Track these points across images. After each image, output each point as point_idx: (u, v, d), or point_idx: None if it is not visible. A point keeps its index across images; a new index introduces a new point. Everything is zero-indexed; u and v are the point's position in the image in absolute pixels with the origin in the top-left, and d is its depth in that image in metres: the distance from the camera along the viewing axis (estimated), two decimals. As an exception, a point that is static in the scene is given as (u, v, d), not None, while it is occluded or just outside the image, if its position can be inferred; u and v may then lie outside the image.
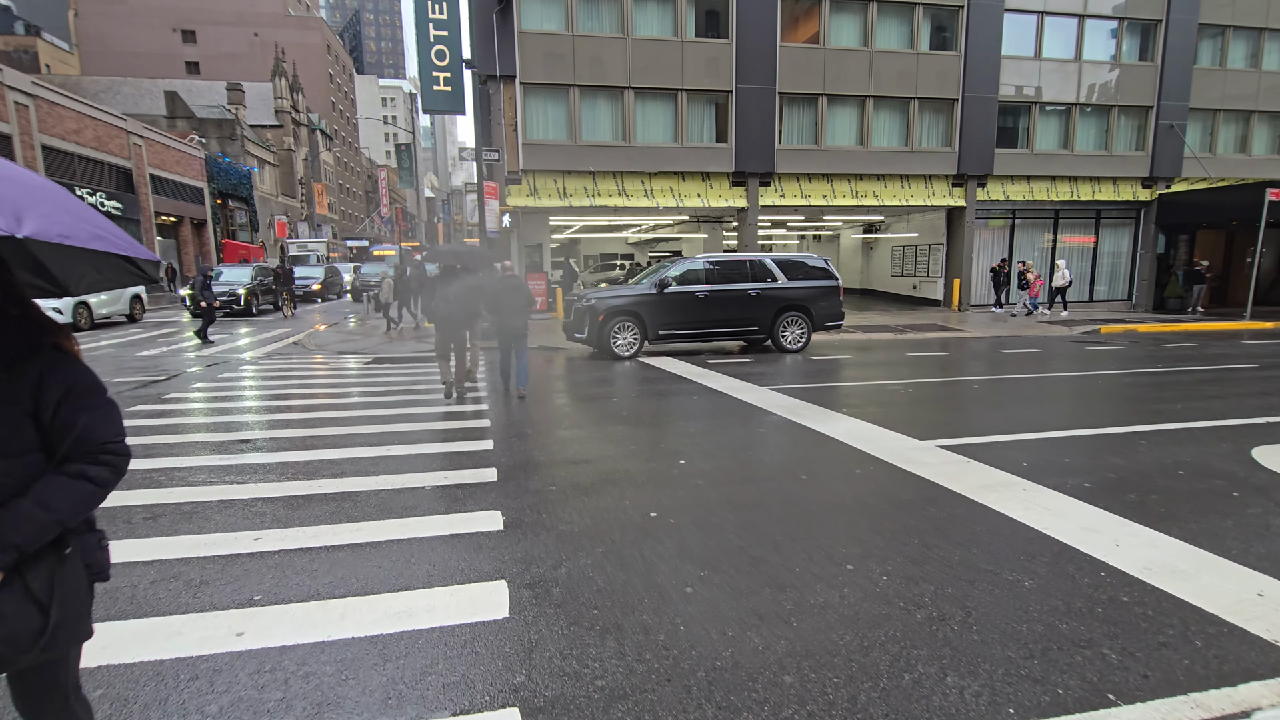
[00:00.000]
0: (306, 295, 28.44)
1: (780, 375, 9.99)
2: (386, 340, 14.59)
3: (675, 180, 19.37)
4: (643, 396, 8.20)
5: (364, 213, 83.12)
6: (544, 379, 9.96)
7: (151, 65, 64.42)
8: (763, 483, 4.68)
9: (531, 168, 18.23)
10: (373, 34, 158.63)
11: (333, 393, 8.51)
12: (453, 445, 5.78)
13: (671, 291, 12.17)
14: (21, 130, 25.58)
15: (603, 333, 11.87)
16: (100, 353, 12.61)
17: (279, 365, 11.07)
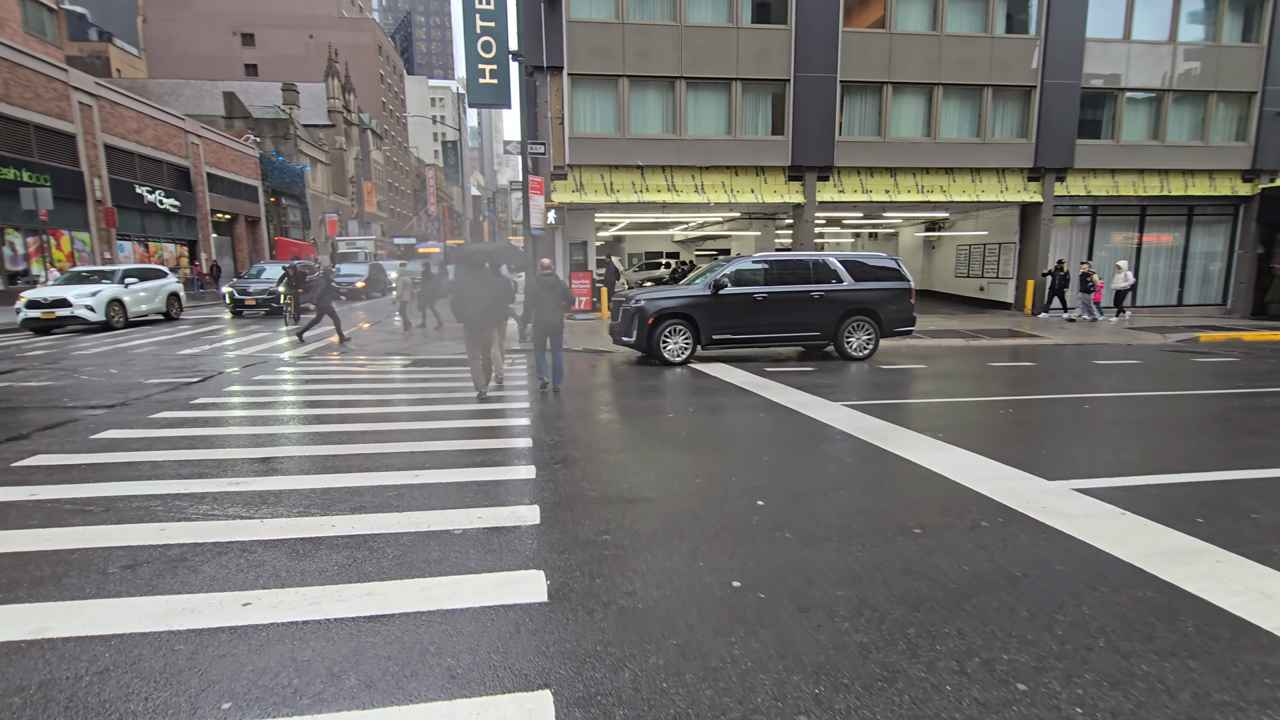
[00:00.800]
0: (351, 293, 27.94)
1: (850, 388, 8.97)
2: (423, 340, 14.07)
3: (727, 175, 18.39)
4: (700, 412, 7.32)
5: (412, 211, 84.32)
6: (590, 388, 9.17)
7: (212, 68, 66.50)
8: (867, 539, 3.75)
9: (578, 162, 17.51)
10: (423, 35, 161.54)
11: (365, 401, 7.90)
12: (489, 472, 5.02)
13: (727, 293, 11.25)
14: (85, 130, 26.24)
15: (652, 337, 11.04)
16: (143, 350, 12.41)
17: (315, 367, 10.58)
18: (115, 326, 16.08)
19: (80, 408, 7.37)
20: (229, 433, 6.26)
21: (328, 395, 8.22)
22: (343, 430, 6.36)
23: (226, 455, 5.44)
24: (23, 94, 23.26)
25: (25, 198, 19.08)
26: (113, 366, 10.44)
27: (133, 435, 6.09)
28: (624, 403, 8.00)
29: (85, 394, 8.18)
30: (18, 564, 3.40)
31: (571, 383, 9.53)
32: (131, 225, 29.08)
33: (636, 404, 7.91)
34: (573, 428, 6.58)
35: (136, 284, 17.07)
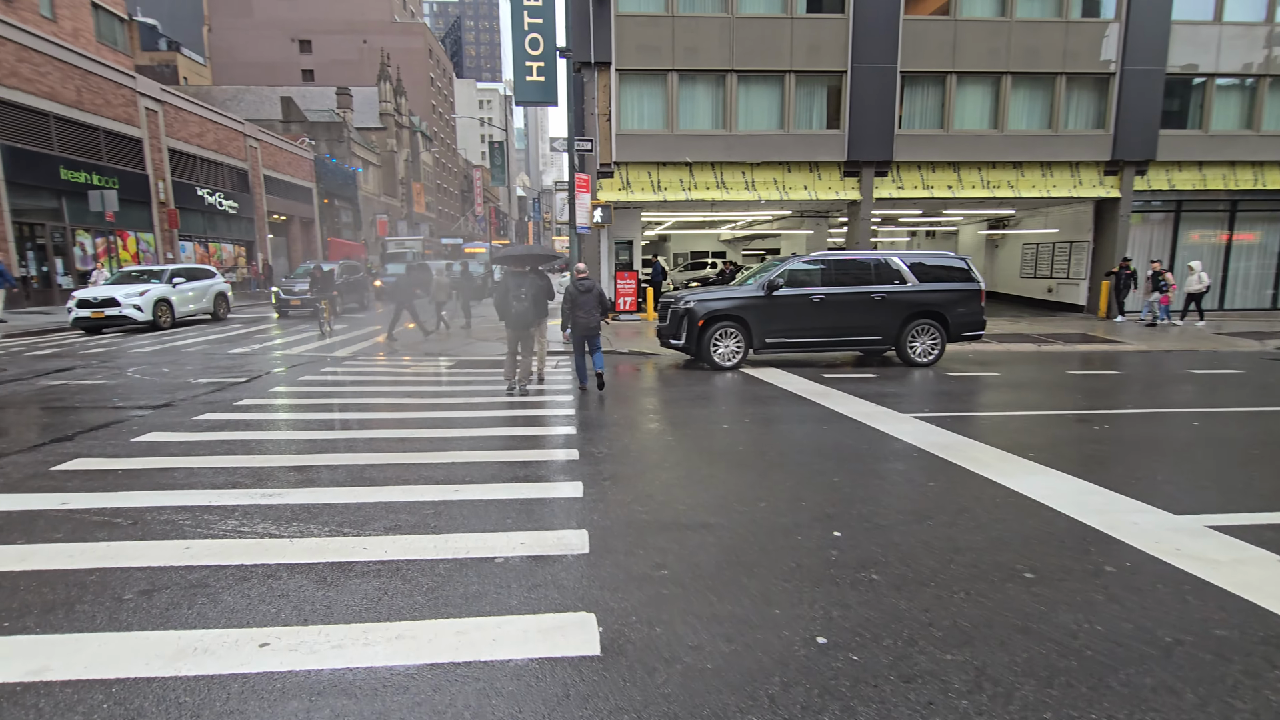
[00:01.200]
0: None
1: (918, 397, 8.31)
2: (464, 340, 13.90)
3: (779, 171, 17.74)
4: (758, 423, 6.81)
5: (459, 211, 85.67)
6: (637, 393, 8.75)
7: (272, 74, 68.83)
8: (970, 584, 3.21)
9: (625, 159, 17.13)
10: (472, 39, 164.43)
11: (405, 405, 7.66)
12: (533, 488, 4.64)
13: (782, 294, 10.67)
14: (151, 134, 27.24)
15: (702, 340, 10.55)
16: (193, 349, 12.57)
17: (360, 368, 10.47)
18: (162, 326, 16.11)
19: (128, 408, 7.33)
20: (268, 437, 6.06)
21: (369, 398, 8.02)
22: (381, 437, 6.09)
23: (263, 463, 5.21)
24: (94, 100, 24.25)
25: (93, 200, 19.79)
26: (164, 365, 10.53)
27: (173, 439, 5.95)
28: (674, 410, 7.54)
29: (134, 393, 8.18)
30: (34, 585, 3.17)
31: (618, 388, 9.14)
32: (193, 226, 30.10)
33: (687, 412, 7.45)
34: (621, 438, 6.16)
35: (184, 284, 17.10)
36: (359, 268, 22.82)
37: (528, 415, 7.11)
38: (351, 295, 21.57)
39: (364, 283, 22.22)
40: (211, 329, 16.44)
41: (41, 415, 6.96)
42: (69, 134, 23.13)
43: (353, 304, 21.81)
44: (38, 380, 9.15)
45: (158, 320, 15.79)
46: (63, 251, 23.07)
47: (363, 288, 22.22)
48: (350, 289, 21.39)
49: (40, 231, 22.22)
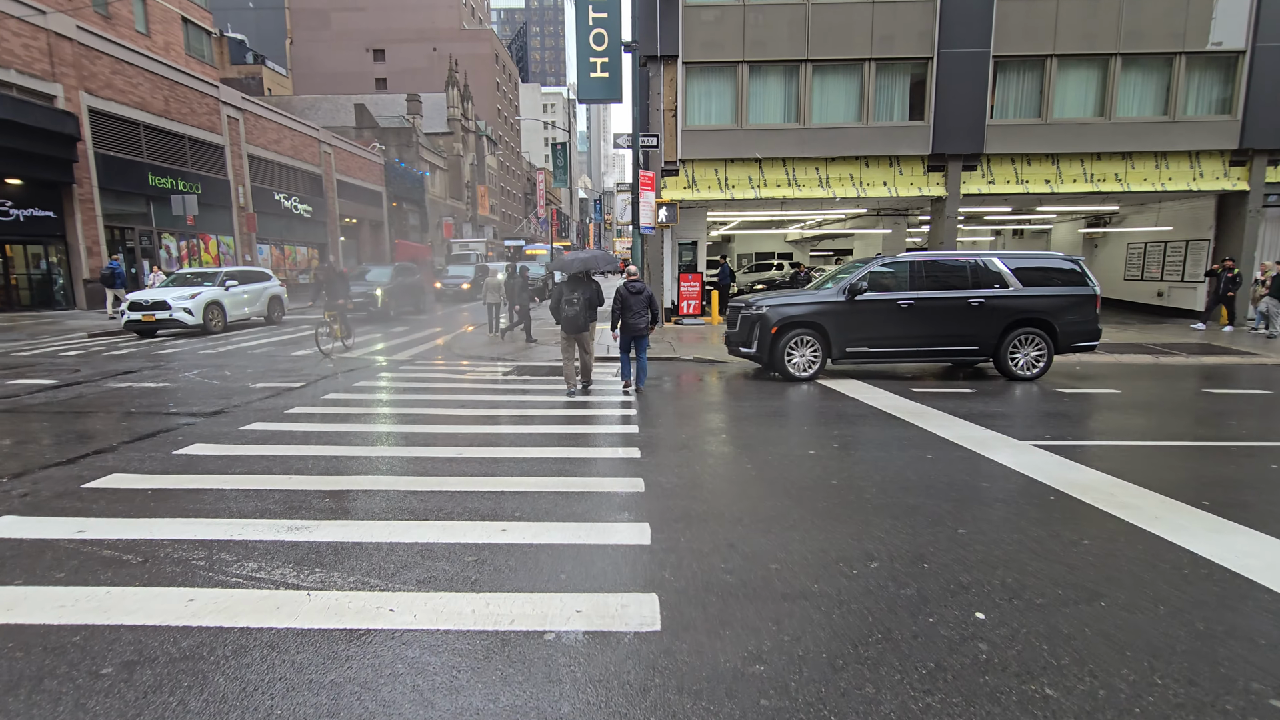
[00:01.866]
0: (457, 295, 26.79)
1: (1031, 419, 7.21)
2: (524, 345, 13.45)
3: (856, 166, 16.58)
4: (848, 448, 5.93)
5: (522, 214, 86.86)
6: (705, 407, 7.97)
7: (348, 83, 71.52)
8: (1196, 714, 2.30)
9: (691, 156, 16.37)
10: (537, 45, 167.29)
11: (458, 417, 7.15)
12: (592, 530, 3.95)
13: (865, 299, 9.68)
14: (232, 141, 28.36)
15: (775, 348, 9.68)
16: (257, 351, 12.57)
17: (415, 375, 10.10)
18: (213, 330, 15.66)
19: (180, 414, 7.10)
20: (310, 453, 5.62)
21: (420, 409, 7.55)
22: (428, 456, 5.55)
23: (298, 484, 4.73)
24: (180, 109, 25.35)
25: (175, 204, 20.52)
26: (227, 369, 10.47)
27: (214, 452, 5.59)
28: (748, 430, 6.73)
29: (190, 399, 8.00)
30: (10, 646, 2.69)
31: (684, 400, 8.40)
32: (269, 229, 31.20)
33: (764, 432, 6.63)
34: (691, 465, 5.42)
35: (237, 287, 16.73)
36: (415, 270, 22.00)
37: (585, 433, 6.46)
38: (407, 299, 20.61)
39: (421, 286, 21.65)
40: (266, 332, 16.14)
41: (95, 421, 6.79)
42: (157, 142, 24.22)
43: (408, 307, 20.87)
44: (105, 382, 9.17)
45: (208, 324, 15.47)
46: (150, 254, 24.17)
47: (420, 291, 21.53)
48: (406, 292, 20.50)
49: (130, 235, 23.34)
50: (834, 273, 11.05)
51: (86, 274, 21.00)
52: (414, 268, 22.28)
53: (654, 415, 7.32)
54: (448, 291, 26.67)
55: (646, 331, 8.60)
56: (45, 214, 20.13)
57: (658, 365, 11.44)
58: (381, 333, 16.06)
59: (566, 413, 7.37)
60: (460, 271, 28.43)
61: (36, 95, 19.40)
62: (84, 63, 21.00)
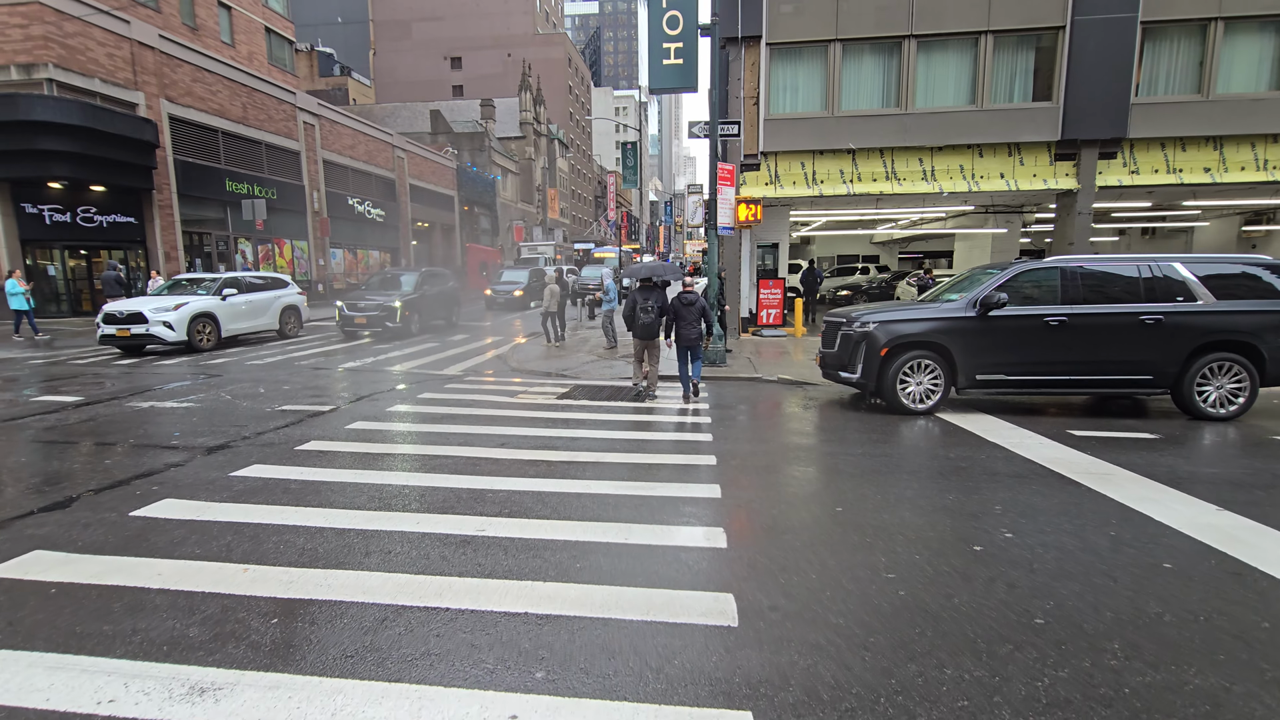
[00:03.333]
0: (508, 303, 24.74)
1: (1252, 478, 5.15)
2: (586, 359, 12.07)
3: (967, 156, 14.36)
4: (1024, 537, 4.14)
5: (592, 217, 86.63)
6: (798, 450, 6.28)
7: (426, 91, 73.19)
8: None
9: (774, 148, 14.62)
10: (610, 49, 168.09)
11: (494, 466, 5.79)
12: (666, 607, 2.42)
13: (1003, 315, 7.73)
14: (308, 147, 28.63)
15: (885, 374, 7.87)
16: (306, 362, 11.76)
17: (456, 397, 8.88)
18: (201, 348, 13.16)
19: (172, 449, 6.07)
20: (299, 523, 4.35)
21: (451, 450, 6.24)
22: (446, 534, 4.17)
23: (263, 590, 3.43)
24: (257, 116, 25.65)
25: (245, 209, 20.48)
26: (261, 386, 9.58)
27: (183, 514, 4.42)
28: (864, 494, 5.02)
29: (197, 427, 7.01)
30: None
31: (772, 435, 6.75)
32: (342, 234, 31.43)
33: (885, 492, 4.91)
34: (792, 544, 3.81)
35: (236, 296, 14.38)
36: (447, 276, 19.02)
37: (655, 496, 4.94)
38: (438, 309, 17.74)
39: (454, 295, 18.68)
40: (275, 348, 14.00)
41: (79, 458, 5.83)
42: (234, 148, 24.53)
43: (438, 320, 17.96)
44: (132, 401, 8.40)
45: (194, 340, 13.04)
46: (226, 259, 24.50)
47: (452, 301, 18.55)
48: (435, 303, 17.52)
49: (207, 240, 23.69)
50: (954, 281, 9.11)
51: (164, 279, 21.28)
52: (446, 274, 19.09)
53: (738, 463, 5.71)
54: (498, 300, 24.73)
55: (699, 342, 8.67)
56: (127, 220, 20.50)
57: (737, 388, 9.81)
58: (461, 335, 15.10)
59: (630, 443, 5.88)
60: (514, 277, 26.10)
61: (119, 103, 19.73)
62: (165, 71, 21.32)
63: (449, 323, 18.46)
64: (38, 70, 17.70)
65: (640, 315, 8.58)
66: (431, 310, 17.27)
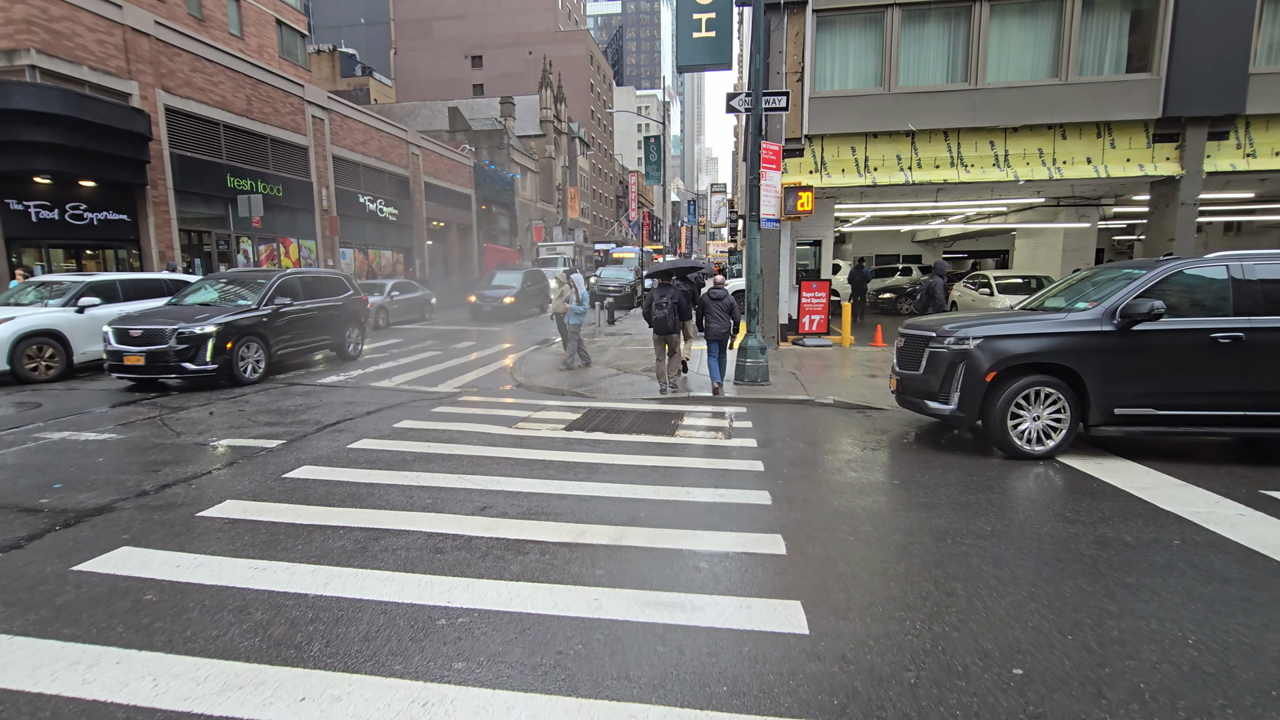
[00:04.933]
0: (496, 311, 20.57)
1: None
2: (598, 373, 10.30)
3: (1047, 138, 12.35)
4: (1211, 650, 2.30)
5: (613, 217, 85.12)
6: (870, 513, 4.43)
7: (447, 89, 72.33)
8: None
9: (820, 131, 12.75)
10: (633, 49, 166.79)
11: (479, 521, 4.08)
12: None
13: (1155, 329, 5.81)
14: (316, 142, 27.34)
15: (992, 405, 6.01)
16: (281, 375, 10.16)
17: (447, 426, 7.19)
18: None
19: (39, 511, 4.45)
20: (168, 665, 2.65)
21: (407, 520, 4.53)
22: (393, 670, 2.44)
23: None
24: (263, 109, 24.38)
25: (241, 205, 19.15)
26: (216, 409, 7.98)
27: None
28: (972, 582, 3.18)
29: (114, 473, 5.39)
30: None
31: (836, 498, 4.91)
32: (352, 233, 30.12)
33: (1002, 589, 3.08)
34: (886, 677, 2.01)
35: (100, 308, 10.99)
36: (413, 286, 18.45)
37: (698, 628, 3.16)
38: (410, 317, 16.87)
39: (423, 303, 17.83)
40: None
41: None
42: (237, 142, 23.27)
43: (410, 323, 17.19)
44: (52, 434, 6.84)
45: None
46: (227, 258, 23.25)
47: (423, 308, 17.75)
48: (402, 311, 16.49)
49: (206, 238, 22.44)
50: (1065, 285, 7.20)
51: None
52: (413, 284, 18.32)
53: (801, 551, 3.91)
54: (484, 308, 20.48)
55: (727, 336, 8.98)
56: (119, 217, 19.27)
57: (786, 414, 7.98)
58: (467, 342, 13.46)
59: (650, 539, 4.11)
60: (506, 280, 21.77)
61: (110, 93, 18.49)
62: (162, 60, 20.09)
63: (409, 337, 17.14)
64: (19, 56, 16.50)
65: (655, 311, 8.81)
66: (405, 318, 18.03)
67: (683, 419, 7.64)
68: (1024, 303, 7.65)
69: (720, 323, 8.86)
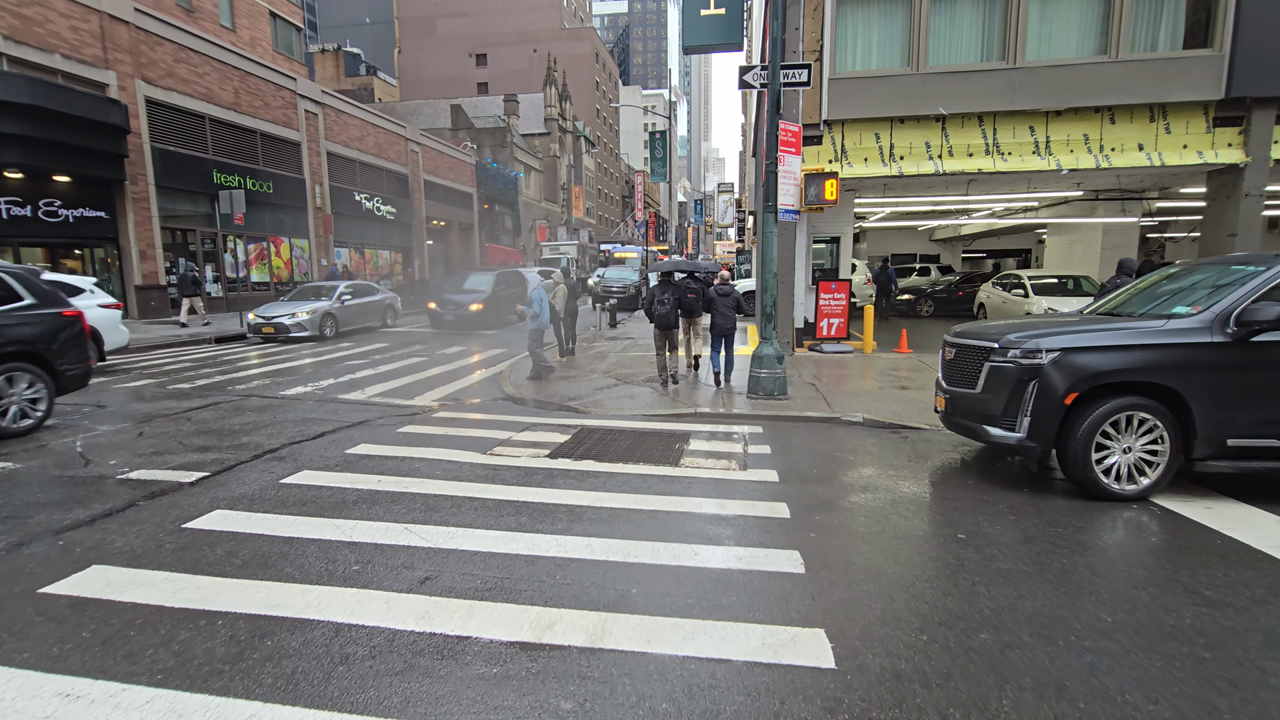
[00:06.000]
0: (460, 320, 17.09)
1: None
2: (611, 384, 9.16)
3: (1094, 122, 11.15)
4: None
5: (619, 217, 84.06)
6: (922, 582, 3.26)
7: (451, 88, 71.46)
8: None
9: (841, 116, 11.59)
10: (640, 49, 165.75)
11: (415, 604, 2.97)
12: None
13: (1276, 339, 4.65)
14: (309, 137, 26.35)
15: (1072, 433, 4.85)
16: (253, 382, 9.09)
17: (410, 453, 6.09)
18: None
19: None
20: None
21: (325, 597, 3.45)
22: None
23: None
24: (252, 102, 23.41)
25: (222, 201, 18.13)
26: (147, 419, 6.91)
27: None
28: (1064, 678, 2.04)
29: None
30: None
31: (890, 549, 3.75)
32: (348, 232, 29.14)
33: (1110, 698, 1.94)
34: None
35: None
36: (372, 289, 17.76)
37: None
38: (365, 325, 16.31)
39: (382, 308, 17.60)
40: (236, 353, 12.94)
41: None
42: (225, 136, 22.29)
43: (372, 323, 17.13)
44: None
45: None
46: (214, 257, 22.29)
47: (384, 314, 17.59)
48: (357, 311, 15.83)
49: (191, 237, 21.46)
50: (1142, 287, 6.02)
51: (139, 280, 19.07)
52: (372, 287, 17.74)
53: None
54: (445, 316, 17.17)
55: (733, 331, 9.15)
56: (96, 214, 18.31)
57: (810, 435, 6.84)
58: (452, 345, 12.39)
59: (646, 615, 2.99)
60: (477, 284, 18.38)
61: (86, 83, 17.53)
62: (142, 49, 19.12)
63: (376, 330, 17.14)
64: (-15, 43, 15.54)
65: (657, 307, 9.03)
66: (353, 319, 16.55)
67: (688, 441, 6.51)
68: (1092, 306, 6.47)
69: (726, 318, 9.12)
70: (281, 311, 15.09)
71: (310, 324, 14.99)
